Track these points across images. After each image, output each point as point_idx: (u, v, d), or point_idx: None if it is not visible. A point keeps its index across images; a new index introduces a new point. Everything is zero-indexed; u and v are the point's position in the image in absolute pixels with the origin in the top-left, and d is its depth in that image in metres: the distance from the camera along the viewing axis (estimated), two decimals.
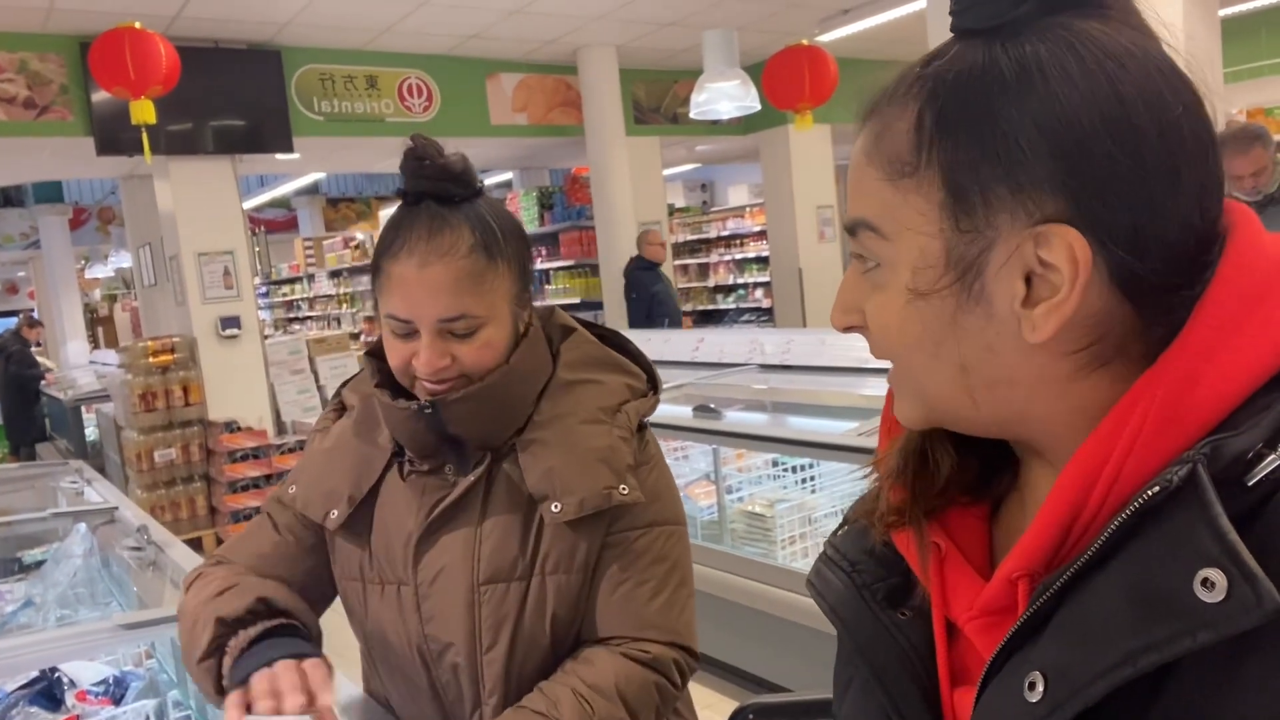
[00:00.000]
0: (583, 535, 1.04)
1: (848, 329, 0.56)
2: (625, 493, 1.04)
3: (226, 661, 0.98)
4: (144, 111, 4.01)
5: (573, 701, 0.99)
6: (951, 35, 0.52)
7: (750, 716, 1.14)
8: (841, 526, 0.65)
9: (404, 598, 1.08)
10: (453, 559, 1.06)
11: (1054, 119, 0.46)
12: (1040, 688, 0.44)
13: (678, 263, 9.65)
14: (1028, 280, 0.48)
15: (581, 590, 1.06)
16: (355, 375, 1.22)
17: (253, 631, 0.99)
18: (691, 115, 5.11)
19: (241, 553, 1.17)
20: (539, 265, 8.16)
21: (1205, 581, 0.39)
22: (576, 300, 7.78)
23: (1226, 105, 6.59)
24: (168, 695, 1.68)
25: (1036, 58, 0.47)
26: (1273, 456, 0.41)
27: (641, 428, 1.13)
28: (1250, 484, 0.41)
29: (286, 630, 1.01)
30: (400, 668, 1.11)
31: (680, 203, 11.49)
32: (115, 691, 1.65)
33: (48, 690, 1.64)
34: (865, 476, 0.63)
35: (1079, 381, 0.49)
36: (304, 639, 1.02)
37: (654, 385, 1.17)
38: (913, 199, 0.50)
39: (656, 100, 7.60)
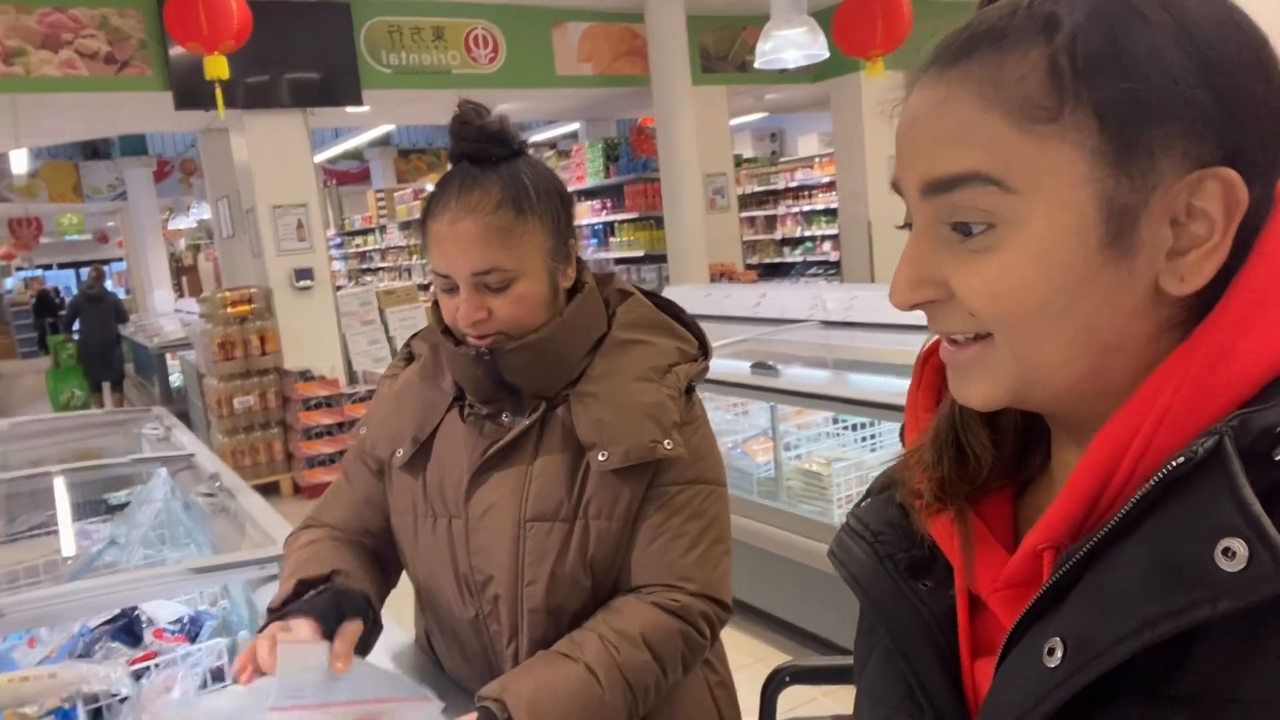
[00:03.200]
0: (625, 484, 1.09)
1: (917, 306, 0.51)
2: (669, 447, 1.09)
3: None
4: (217, 67, 4.09)
5: (598, 645, 1.04)
6: None
7: (786, 678, 1.16)
8: (865, 498, 0.65)
9: (454, 530, 1.14)
10: (502, 496, 1.12)
11: (1204, 53, 0.45)
12: (1059, 653, 0.44)
13: (744, 215, 9.52)
14: (1171, 227, 0.46)
15: (621, 537, 1.10)
16: (425, 327, 1.28)
17: (314, 593, 1.06)
18: (756, 65, 5.00)
19: (329, 512, 1.26)
20: (603, 218, 8.14)
21: (1226, 551, 0.39)
22: (640, 253, 7.76)
23: None
24: (239, 635, 1.78)
25: None
26: None
27: (689, 390, 1.17)
28: (1278, 459, 0.41)
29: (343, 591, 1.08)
30: (445, 600, 1.17)
31: (749, 153, 11.29)
32: (190, 629, 1.74)
33: (128, 627, 1.75)
34: (893, 469, 0.62)
35: (1170, 341, 0.47)
36: (360, 604, 1.07)
37: (704, 351, 1.21)
38: (1055, 146, 0.46)
39: (724, 48, 7.45)
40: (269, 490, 5.72)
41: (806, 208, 9.23)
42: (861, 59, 5.49)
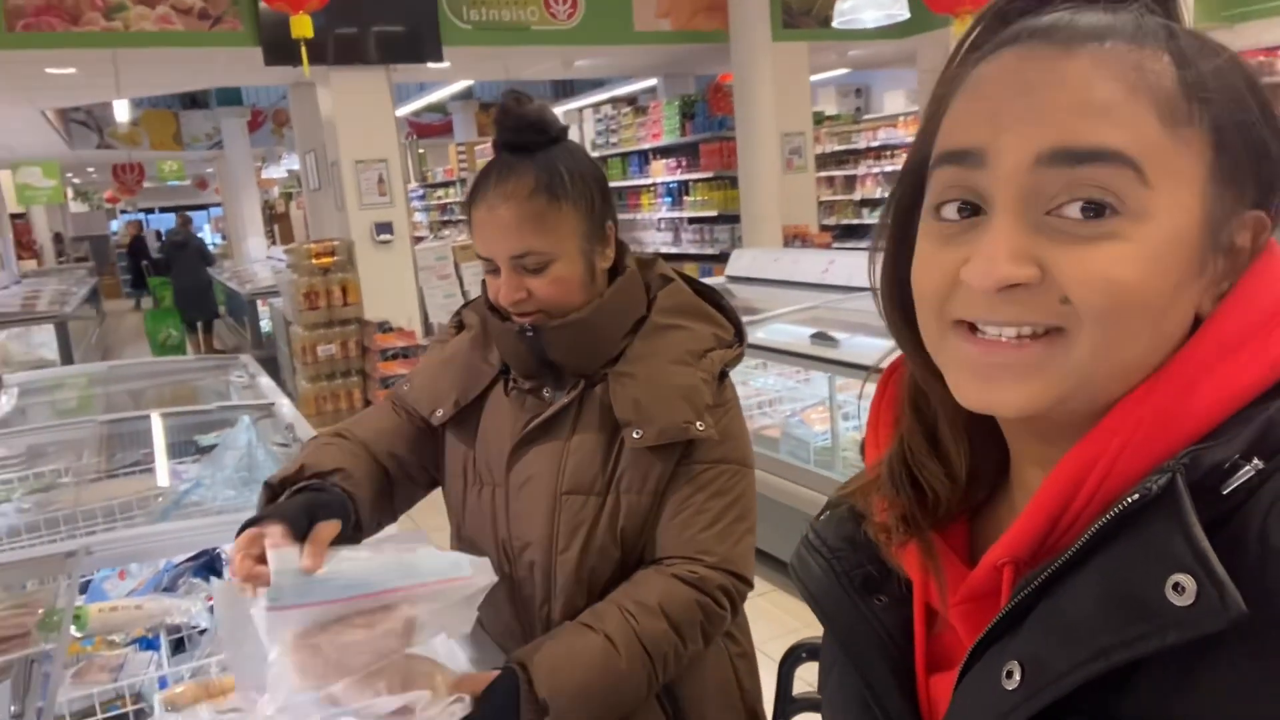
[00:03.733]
0: (657, 461, 1.15)
1: (1013, 286, 0.47)
2: (700, 429, 1.14)
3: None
4: (302, 26, 4.20)
5: (617, 615, 1.09)
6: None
7: (803, 654, 1.20)
8: (824, 511, 0.66)
9: (496, 499, 1.22)
10: (541, 468, 1.18)
11: (1263, 102, 0.48)
12: (1017, 676, 0.47)
13: (821, 174, 9.34)
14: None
15: (649, 512, 1.16)
16: (476, 298, 1.34)
17: (288, 493, 1.08)
18: (835, 24, 4.88)
19: (361, 426, 1.30)
20: (677, 176, 8.09)
21: (1176, 586, 0.41)
22: (714, 213, 7.71)
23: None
24: None
25: (1211, 42, 0.49)
26: (1248, 467, 0.43)
27: (723, 375, 1.21)
28: (1225, 492, 0.43)
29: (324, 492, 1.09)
30: None
31: (831, 110, 11.01)
32: None
33: (209, 564, 1.89)
34: (849, 491, 0.63)
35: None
36: (337, 506, 1.07)
37: (740, 337, 1.25)
38: (1185, 150, 0.46)
39: (807, 2, 7.26)
40: None
41: (888, 167, 9.00)
42: (949, 15, 5.31)
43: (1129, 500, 0.44)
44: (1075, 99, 0.46)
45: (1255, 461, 0.43)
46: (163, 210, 26.76)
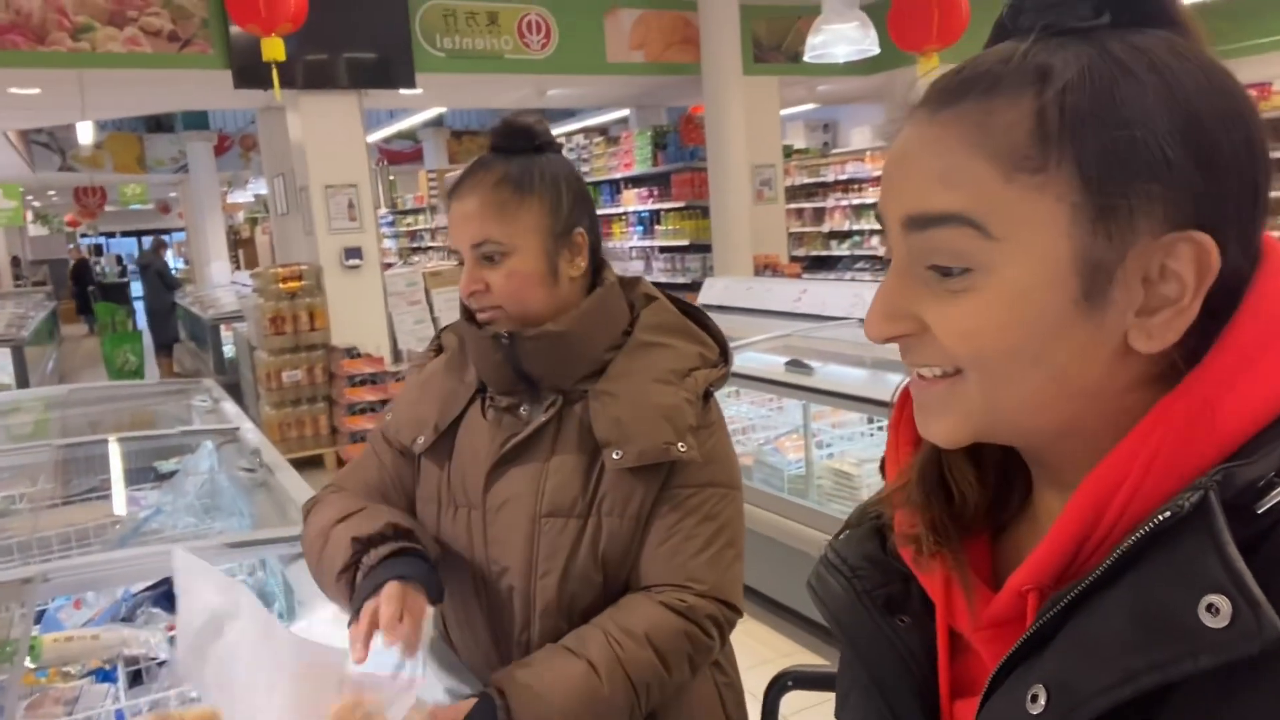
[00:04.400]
0: (639, 484, 1.12)
1: (891, 339, 0.52)
2: (683, 449, 1.11)
3: (359, 575, 1.09)
4: (274, 49, 4.18)
5: (602, 641, 1.06)
6: (1026, 34, 0.49)
7: (789, 682, 1.18)
8: (843, 530, 0.65)
9: (473, 521, 1.18)
10: (519, 490, 1.15)
11: (1189, 116, 0.45)
12: (1043, 700, 0.45)
13: (791, 206, 9.45)
14: (1143, 285, 0.47)
15: (632, 536, 1.13)
16: (456, 320, 1.32)
17: (384, 550, 1.09)
18: (806, 58, 4.96)
19: (351, 481, 1.30)
20: (649, 205, 8.14)
21: (1210, 607, 0.40)
22: (685, 242, 7.76)
23: None
24: (274, 605, 1.84)
25: (1160, 59, 0.46)
26: None
27: (708, 395, 1.19)
28: (1260, 512, 0.42)
29: (411, 553, 1.11)
30: (460, 587, 1.21)
31: (800, 144, 11.18)
32: None
33: (168, 594, 1.82)
34: (873, 504, 0.62)
35: (1144, 393, 0.48)
36: (425, 561, 1.12)
37: (725, 357, 1.24)
38: (1036, 197, 0.46)
39: (777, 38, 7.39)
40: (313, 463, 5.85)
41: (856, 201, 9.13)
42: (915, 52, 5.42)
43: (1160, 518, 0.43)
44: (923, 166, 0.49)
45: None
46: (124, 234, 26.39)
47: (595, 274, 1.21)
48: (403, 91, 6.42)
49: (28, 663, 1.47)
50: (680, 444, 1.11)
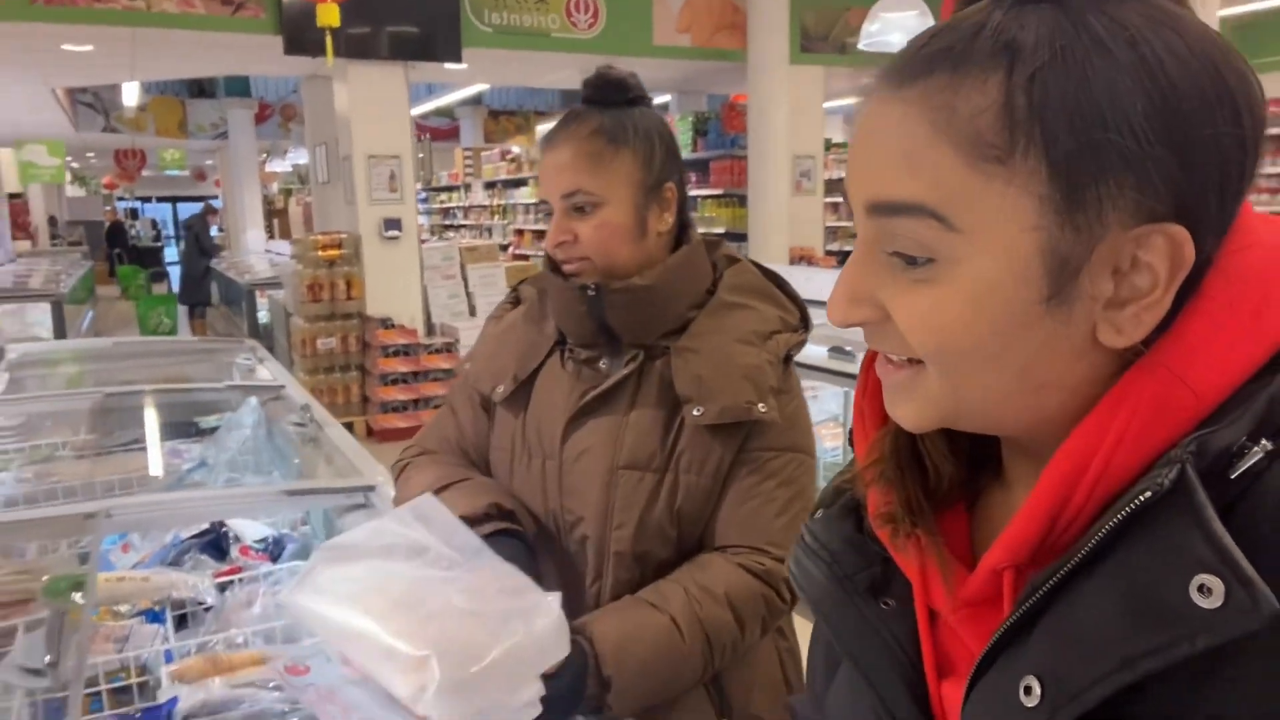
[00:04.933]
0: (718, 442, 1.11)
1: (854, 324, 0.50)
2: (764, 410, 1.10)
3: None
4: (329, 15, 4.20)
5: (682, 598, 1.06)
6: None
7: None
8: (817, 509, 0.63)
9: (548, 471, 1.18)
10: (597, 441, 1.14)
11: (1169, 101, 0.42)
12: (1038, 691, 0.44)
13: (828, 200, 9.38)
14: (1113, 278, 0.45)
15: (710, 494, 1.12)
16: (536, 273, 1.32)
17: (485, 529, 1.10)
18: (860, 46, 4.91)
19: (432, 440, 1.31)
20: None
21: (1202, 588, 0.39)
22: (722, 230, 7.73)
23: None
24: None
25: (1140, 33, 0.42)
26: (1255, 449, 0.41)
27: (788, 359, 1.18)
28: (1234, 477, 0.41)
29: (511, 534, 1.13)
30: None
31: (838, 138, 11.09)
32: (273, 550, 1.83)
33: (216, 541, 1.84)
34: (841, 485, 0.61)
35: (1114, 379, 0.46)
36: (525, 544, 1.13)
37: (805, 323, 1.22)
38: (1001, 188, 0.44)
39: (825, 28, 7.32)
40: (345, 430, 5.89)
41: None
42: None
43: (1140, 499, 0.42)
44: (885, 150, 0.46)
45: (1264, 443, 0.41)
46: (159, 200, 26.66)
47: (681, 231, 1.20)
48: (447, 66, 6.42)
49: (77, 597, 1.49)
50: (761, 404, 1.10)
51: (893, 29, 4.46)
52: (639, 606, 1.07)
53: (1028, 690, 0.44)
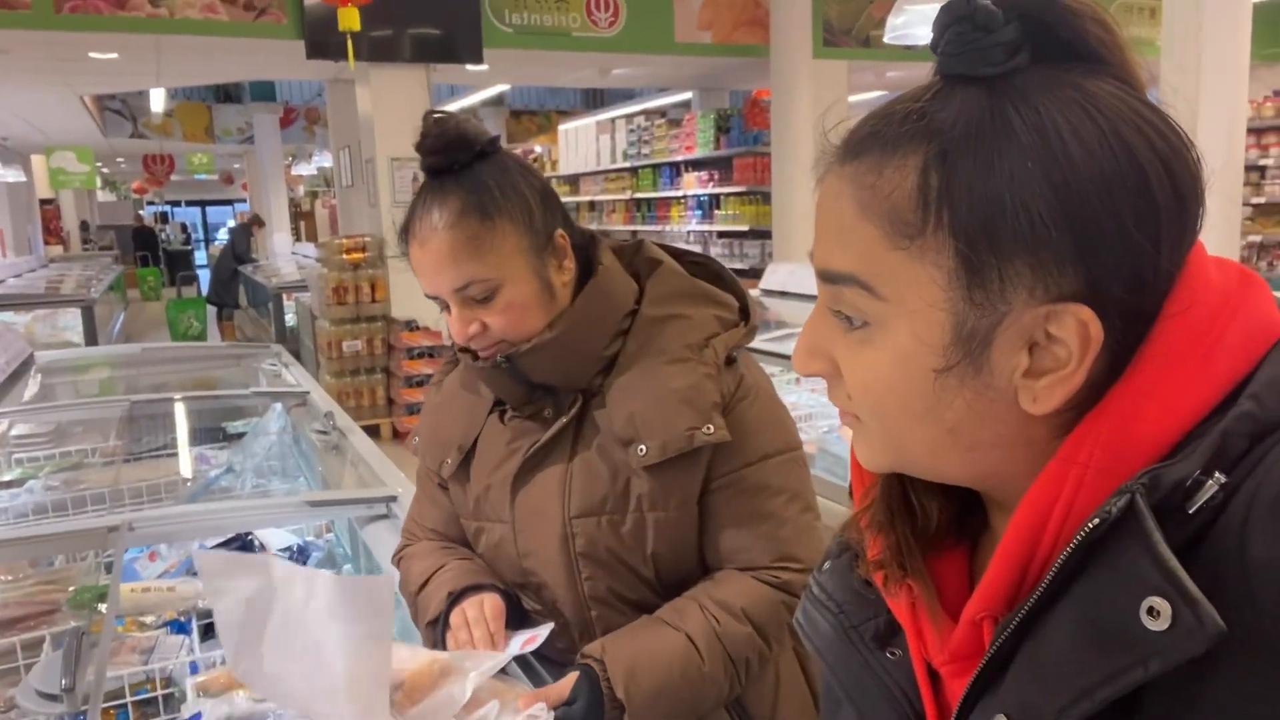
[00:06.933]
0: (677, 475, 1.05)
1: (812, 375, 0.53)
2: (709, 433, 1.02)
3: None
4: (350, 19, 4.20)
5: (698, 614, 1.03)
6: (939, 78, 0.48)
7: None
8: (825, 561, 0.63)
9: (505, 535, 1.13)
10: (546, 495, 1.09)
11: (1071, 187, 0.44)
12: None
13: None
14: (1029, 350, 0.47)
15: (686, 525, 1.06)
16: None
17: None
18: (885, 39, 4.84)
19: (415, 527, 1.28)
20: (709, 189, 8.06)
21: (1151, 610, 0.40)
22: (744, 228, 7.68)
23: (1259, 87, 6.38)
24: (343, 567, 1.85)
25: (1050, 118, 0.44)
26: (1210, 483, 0.41)
27: (731, 360, 1.10)
28: (1191, 511, 0.41)
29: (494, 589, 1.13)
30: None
31: None
32: (298, 558, 1.82)
33: (242, 549, 1.84)
34: (843, 537, 0.61)
35: (1058, 439, 0.47)
36: (508, 594, 1.12)
37: (745, 315, 1.13)
38: (917, 264, 0.46)
39: (849, 21, 7.24)
40: (369, 433, 5.87)
41: None
42: None
43: (1090, 526, 0.43)
44: (826, 223, 0.50)
45: (1218, 476, 0.42)
46: (188, 204, 26.99)
47: (587, 258, 1.11)
48: (469, 67, 6.43)
49: (102, 608, 1.48)
50: (706, 426, 1.02)
51: (918, 21, 4.38)
52: (653, 626, 1.03)
53: None
